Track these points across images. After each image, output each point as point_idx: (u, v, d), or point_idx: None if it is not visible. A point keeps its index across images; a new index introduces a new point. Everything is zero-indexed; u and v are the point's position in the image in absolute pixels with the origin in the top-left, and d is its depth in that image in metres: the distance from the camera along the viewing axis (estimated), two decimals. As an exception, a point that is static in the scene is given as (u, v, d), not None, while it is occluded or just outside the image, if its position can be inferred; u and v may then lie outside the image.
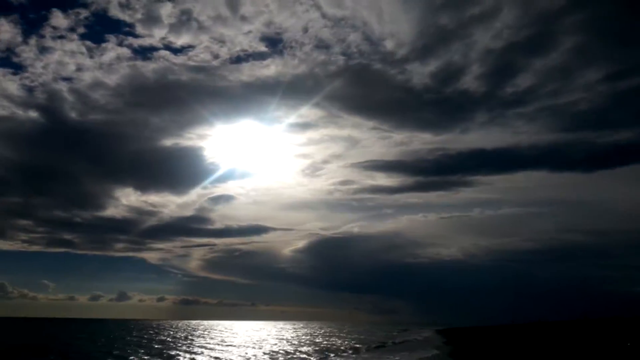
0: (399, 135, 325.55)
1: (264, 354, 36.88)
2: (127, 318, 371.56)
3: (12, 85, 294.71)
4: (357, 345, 49.68)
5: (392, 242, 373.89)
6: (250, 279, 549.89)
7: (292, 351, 40.74)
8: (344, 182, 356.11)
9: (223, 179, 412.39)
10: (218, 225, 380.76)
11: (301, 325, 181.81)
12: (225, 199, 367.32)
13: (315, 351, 38.93)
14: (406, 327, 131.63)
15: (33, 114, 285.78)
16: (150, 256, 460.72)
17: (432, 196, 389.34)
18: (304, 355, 33.61)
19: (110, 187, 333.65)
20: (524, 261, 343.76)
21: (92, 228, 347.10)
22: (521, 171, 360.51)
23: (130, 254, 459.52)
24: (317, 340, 64.11)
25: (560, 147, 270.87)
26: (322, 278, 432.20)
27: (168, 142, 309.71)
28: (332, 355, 37.31)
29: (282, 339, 69.50)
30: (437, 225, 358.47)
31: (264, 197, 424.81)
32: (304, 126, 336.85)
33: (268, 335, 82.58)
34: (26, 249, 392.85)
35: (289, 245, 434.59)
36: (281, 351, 41.26)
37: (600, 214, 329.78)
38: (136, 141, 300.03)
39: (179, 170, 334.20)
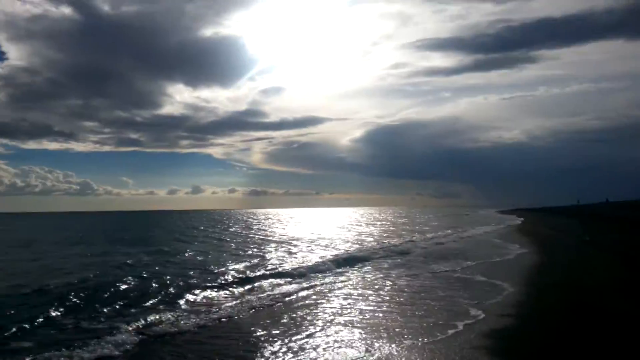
0: (455, 7, 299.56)
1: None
2: (205, 209, 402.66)
3: None
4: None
5: (452, 127, 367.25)
6: (311, 170, 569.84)
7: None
8: (396, 65, 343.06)
9: (270, 69, 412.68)
10: (273, 118, 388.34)
11: (372, 211, 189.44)
12: (276, 90, 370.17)
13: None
14: (467, 212, 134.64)
15: (66, 10, 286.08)
16: (215, 151, 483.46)
17: (493, 76, 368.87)
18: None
19: (162, 84, 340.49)
20: (591, 141, 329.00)
21: (154, 126, 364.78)
22: (593, 42, 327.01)
23: (196, 150, 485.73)
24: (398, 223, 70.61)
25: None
26: (382, 166, 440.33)
27: (207, 31, 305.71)
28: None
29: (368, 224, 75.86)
30: (498, 107, 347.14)
31: (314, 86, 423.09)
32: (351, 2, 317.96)
33: (352, 221, 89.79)
34: (98, 149, 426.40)
35: (345, 135, 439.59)
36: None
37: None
38: (175, 33, 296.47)
39: (224, 62, 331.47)
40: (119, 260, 23.60)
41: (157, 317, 11.76)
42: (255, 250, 29.40)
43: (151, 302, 13.78)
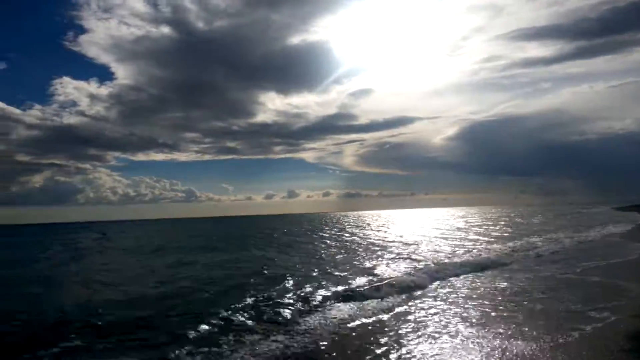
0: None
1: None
2: (301, 212, 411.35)
3: (138, 2, 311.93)
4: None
5: (554, 120, 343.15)
6: (405, 170, 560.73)
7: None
8: (490, 59, 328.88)
9: (357, 71, 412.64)
10: (363, 120, 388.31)
11: (474, 211, 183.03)
12: (364, 92, 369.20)
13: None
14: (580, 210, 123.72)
15: (165, 30, 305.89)
16: (307, 156, 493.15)
17: (598, 62, 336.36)
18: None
19: (254, 93, 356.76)
20: None
21: (250, 134, 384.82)
22: None
23: (289, 155, 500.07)
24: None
25: None
26: (479, 163, 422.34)
27: (295, 39, 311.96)
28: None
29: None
30: (606, 96, 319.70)
31: (403, 85, 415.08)
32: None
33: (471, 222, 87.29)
34: (200, 158, 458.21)
35: (438, 133, 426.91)
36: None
37: None
38: (264, 43, 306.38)
39: (313, 68, 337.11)
40: (258, 264, 25.88)
41: (316, 318, 13.53)
42: (383, 253, 30.18)
43: (306, 304, 15.14)
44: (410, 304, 15.07)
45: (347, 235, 51.98)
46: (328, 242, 42.15)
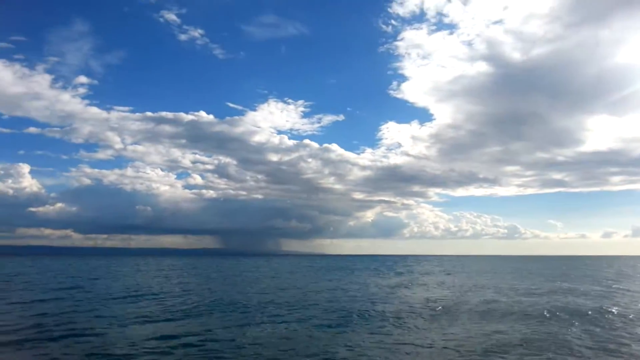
0: None
1: None
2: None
3: (453, 43, 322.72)
4: None
5: None
6: None
7: None
8: None
9: None
10: None
11: None
12: None
13: None
14: None
15: (480, 66, 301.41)
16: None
17: None
18: None
19: (582, 118, 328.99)
20: None
21: (578, 164, 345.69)
22: None
23: (631, 186, 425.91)
24: None
25: None
26: None
27: (629, 54, 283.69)
28: None
29: None
30: None
31: None
32: None
33: None
34: (522, 192, 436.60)
35: None
36: None
37: None
38: (592, 63, 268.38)
39: None
40: None
41: None
42: None
43: None
44: None
45: None
46: None
